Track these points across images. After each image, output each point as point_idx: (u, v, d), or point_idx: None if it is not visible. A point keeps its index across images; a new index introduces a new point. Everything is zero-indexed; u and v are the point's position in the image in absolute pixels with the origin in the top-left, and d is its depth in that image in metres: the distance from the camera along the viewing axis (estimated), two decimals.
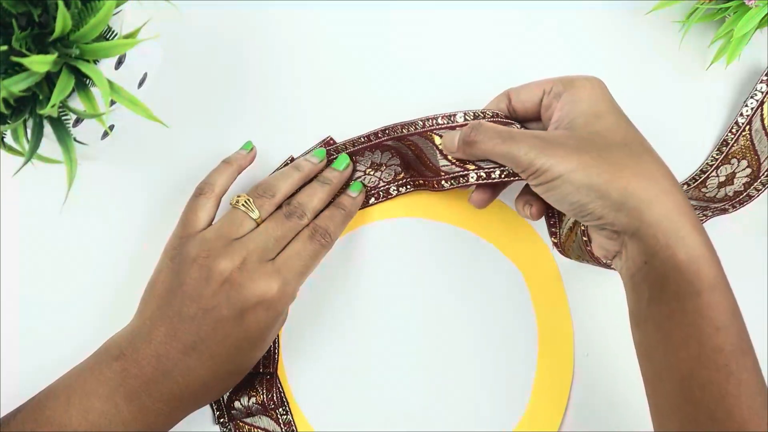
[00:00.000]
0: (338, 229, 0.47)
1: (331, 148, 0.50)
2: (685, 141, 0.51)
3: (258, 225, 0.45)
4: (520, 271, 0.50)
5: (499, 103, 0.46)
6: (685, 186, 0.50)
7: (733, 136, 0.50)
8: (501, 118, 0.45)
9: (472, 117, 0.45)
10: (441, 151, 0.45)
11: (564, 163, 0.39)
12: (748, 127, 0.49)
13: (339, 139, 0.50)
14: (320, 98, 0.51)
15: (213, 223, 0.46)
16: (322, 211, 0.48)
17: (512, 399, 0.49)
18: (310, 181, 0.48)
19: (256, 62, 0.52)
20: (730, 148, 0.50)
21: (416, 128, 0.46)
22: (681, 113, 0.52)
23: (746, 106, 0.50)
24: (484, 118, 0.45)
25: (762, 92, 0.49)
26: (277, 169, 0.50)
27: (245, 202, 0.45)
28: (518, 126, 0.45)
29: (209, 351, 0.42)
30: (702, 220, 0.47)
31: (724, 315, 0.36)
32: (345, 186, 0.50)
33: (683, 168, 0.51)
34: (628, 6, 0.52)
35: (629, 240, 0.39)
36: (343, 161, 0.49)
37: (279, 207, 0.47)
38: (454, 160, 0.45)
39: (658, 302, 0.38)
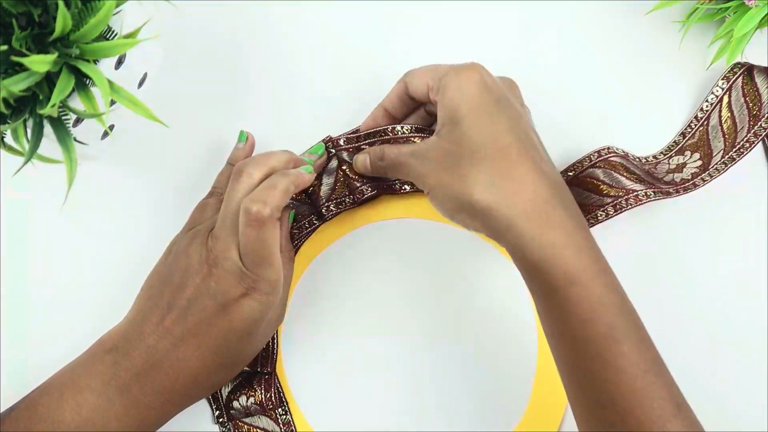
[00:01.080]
0: (279, 196, 0.42)
1: (329, 145, 0.50)
2: None
3: None
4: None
5: (398, 91, 0.48)
6: (636, 160, 0.50)
7: (690, 130, 0.50)
8: (404, 134, 0.48)
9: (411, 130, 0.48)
10: None
11: (429, 180, 0.43)
12: (706, 122, 0.50)
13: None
14: (320, 98, 0.51)
15: None
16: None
17: (512, 399, 0.49)
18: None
19: (257, 62, 0.52)
20: (686, 141, 0.50)
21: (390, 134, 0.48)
22: (681, 113, 0.52)
23: (706, 101, 0.50)
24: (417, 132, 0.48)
25: (722, 89, 0.50)
26: (319, 143, 0.50)
27: None
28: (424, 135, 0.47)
29: (196, 342, 0.42)
30: (642, 201, 0.47)
31: (588, 307, 0.38)
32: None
33: None
34: (628, 6, 0.52)
35: (499, 243, 0.41)
36: (319, 149, 0.49)
37: None
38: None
39: (535, 298, 0.41)
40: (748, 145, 0.49)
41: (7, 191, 0.50)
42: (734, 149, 0.49)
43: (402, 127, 0.48)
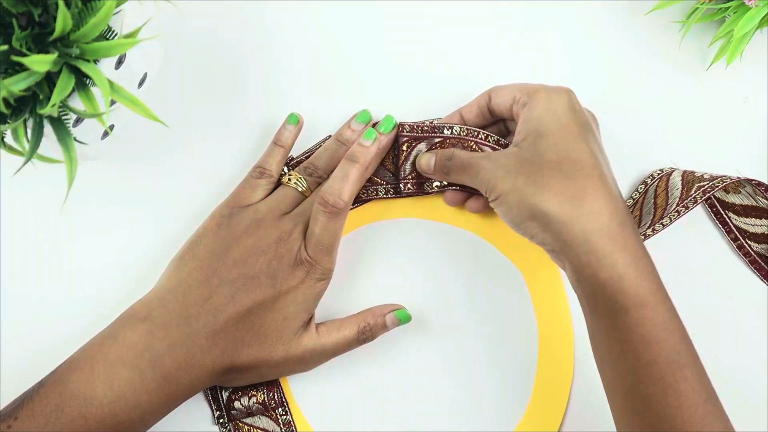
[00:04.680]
0: (352, 187, 0.46)
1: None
2: (684, 141, 0.51)
3: (305, 197, 0.48)
4: (520, 271, 0.50)
5: (480, 101, 0.48)
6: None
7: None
8: (479, 138, 0.48)
9: (458, 132, 0.48)
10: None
11: (503, 184, 0.42)
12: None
13: None
14: (320, 97, 0.51)
15: None
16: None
17: (512, 399, 0.49)
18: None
19: (257, 62, 0.52)
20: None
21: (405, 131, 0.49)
22: (681, 113, 0.52)
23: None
24: (468, 135, 0.48)
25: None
26: (320, 144, 0.50)
27: (297, 180, 0.48)
28: (490, 147, 0.47)
29: (238, 316, 0.43)
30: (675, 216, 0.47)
31: (655, 330, 0.38)
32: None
33: (683, 167, 0.51)
34: (627, 6, 0.52)
35: (563, 258, 0.41)
36: (388, 123, 0.49)
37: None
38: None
39: (594, 317, 0.41)
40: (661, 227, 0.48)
41: (7, 191, 0.50)
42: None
43: (480, 134, 0.48)
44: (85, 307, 0.49)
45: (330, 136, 0.51)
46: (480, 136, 0.47)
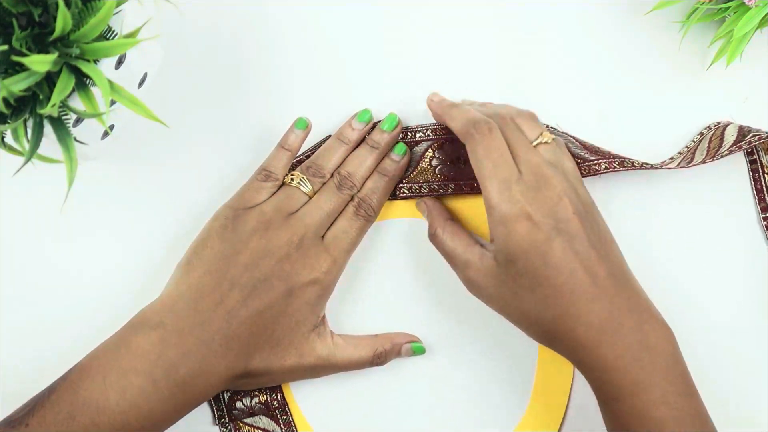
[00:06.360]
0: (383, 199, 0.48)
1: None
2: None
3: (310, 198, 0.47)
4: None
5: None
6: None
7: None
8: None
9: None
10: None
11: (491, 303, 0.46)
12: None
13: None
14: (321, 98, 0.51)
15: None
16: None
17: (512, 399, 0.49)
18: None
19: (257, 62, 0.52)
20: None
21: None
22: (681, 113, 0.52)
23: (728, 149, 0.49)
24: None
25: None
26: (320, 144, 0.50)
27: (300, 180, 0.47)
28: None
29: (251, 320, 0.43)
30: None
31: (648, 415, 0.39)
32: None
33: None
34: (627, 6, 0.52)
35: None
36: (392, 121, 0.49)
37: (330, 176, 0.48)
38: None
39: (599, 401, 0.42)
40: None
41: (7, 191, 0.50)
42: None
43: None
44: (85, 308, 0.49)
45: (329, 136, 0.51)
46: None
